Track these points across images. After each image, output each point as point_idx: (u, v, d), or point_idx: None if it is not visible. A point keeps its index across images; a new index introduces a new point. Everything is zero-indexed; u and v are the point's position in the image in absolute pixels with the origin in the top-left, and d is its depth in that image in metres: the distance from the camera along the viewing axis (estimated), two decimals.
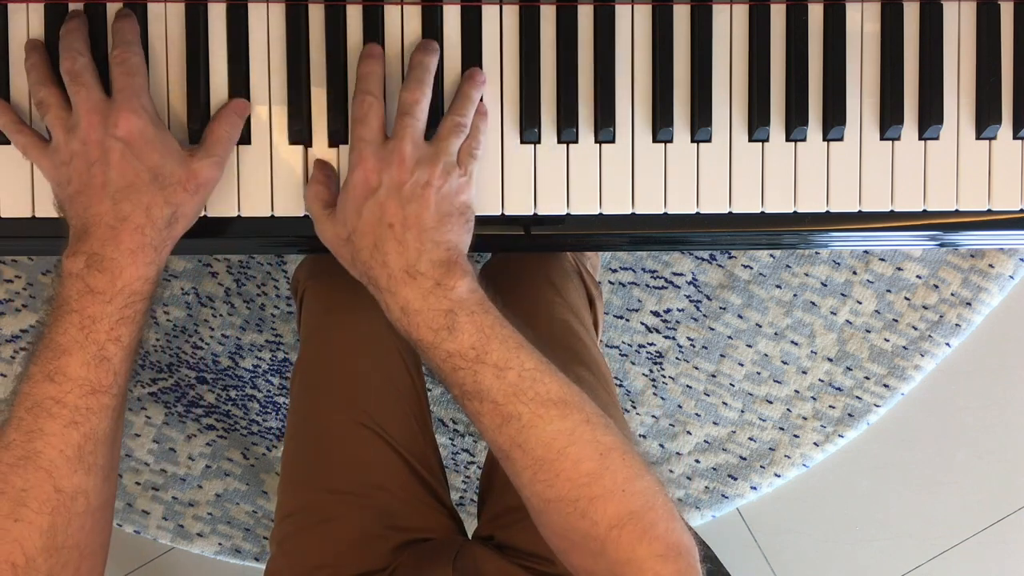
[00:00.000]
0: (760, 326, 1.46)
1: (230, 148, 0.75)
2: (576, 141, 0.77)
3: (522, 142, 0.77)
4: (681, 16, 0.77)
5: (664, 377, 1.48)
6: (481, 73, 0.76)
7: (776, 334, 1.47)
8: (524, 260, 1.02)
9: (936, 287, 1.46)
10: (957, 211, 0.79)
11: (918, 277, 1.46)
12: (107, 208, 0.68)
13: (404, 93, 0.72)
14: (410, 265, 0.69)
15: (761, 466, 1.50)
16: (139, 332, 0.70)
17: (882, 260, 1.45)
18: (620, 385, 1.48)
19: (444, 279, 0.69)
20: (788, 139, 0.78)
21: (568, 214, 0.78)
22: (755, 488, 1.51)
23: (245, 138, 0.76)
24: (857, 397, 1.48)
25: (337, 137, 0.76)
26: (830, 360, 1.48)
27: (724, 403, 1.49)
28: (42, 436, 0.66)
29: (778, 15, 0.77)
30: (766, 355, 1.47)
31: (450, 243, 0.70)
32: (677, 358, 1.47)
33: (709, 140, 0.78)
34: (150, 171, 0.69)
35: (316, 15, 0.76)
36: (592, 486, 0.66)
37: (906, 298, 1.46)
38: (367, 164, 0.70)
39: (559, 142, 0.77)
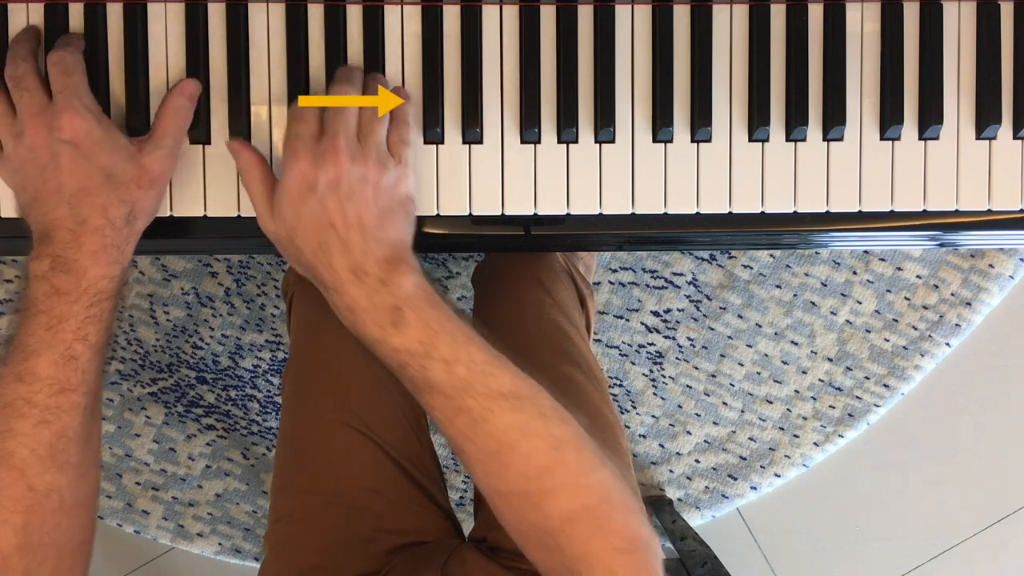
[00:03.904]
0: (760, 326, 1.46)
1: (181, 136, 0.73)
2: (576, 141, 0.77)
3: (522, 142, 0.77)
4: (681, 16, 0.77)
5: (664, 377, 1.48)
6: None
7: (776, 334, 1.47)
8: (512, 261, 1.01)
9: (936, 287, 1.46)
10: (957, 211, 0.79)
11: (918, 277, 1.46)
12: (65, 213, 0.68)
13: (331, 89, 0.71)
14: (356, 265, 0.68)
15: (761, 466, 1.50)
16: (107, 332, 0.70)
17: (882, 260, 1.45)
18: (620, 385, 1.48)
19: (390, 276, 0.68)
20: (788, 139, 0.78)
21: (568, 214, 0.78)
22: (755, 488, 1.51)
23: (245, 138, 0.76)
24: (857, 397, 1.48)
25: None
26: (830, 360, 1.48)
27: (724, 403, 1.49)
28: (14, 436, 0.66)
29: (778, 15, 0.77)
30: (766, 355, 1.47)
31: (394, 239, 0.69)
32: (677, 358, 1.47)
33: (709, 140, 0.78)
34: (101, 172, 0.69)
35: (316, 15, 0.76)
36: (544, 479, 0.65)
37: (906, 298, 1.46)
38: (302, 162, 0.68)
39: (559, 142, 0.77)
